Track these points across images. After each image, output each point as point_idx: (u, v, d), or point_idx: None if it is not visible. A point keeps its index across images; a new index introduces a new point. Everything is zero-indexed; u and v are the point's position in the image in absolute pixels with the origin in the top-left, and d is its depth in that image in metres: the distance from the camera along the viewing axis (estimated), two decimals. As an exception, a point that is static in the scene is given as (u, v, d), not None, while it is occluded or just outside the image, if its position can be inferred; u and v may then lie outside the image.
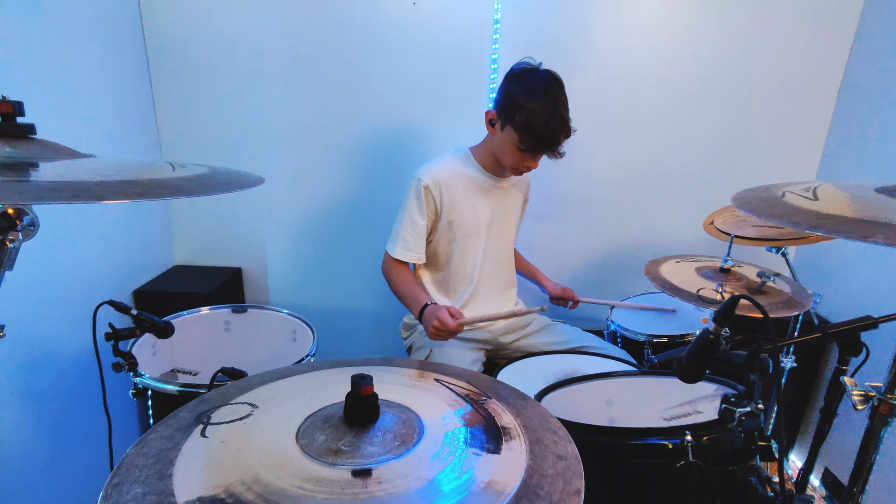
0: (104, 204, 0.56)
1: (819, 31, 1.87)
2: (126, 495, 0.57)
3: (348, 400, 0.68)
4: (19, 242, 0.57)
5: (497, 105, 1.46)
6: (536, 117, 1.35)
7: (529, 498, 0.59)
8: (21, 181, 0.46)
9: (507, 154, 1.46)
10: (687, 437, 0.74)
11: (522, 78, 1.41)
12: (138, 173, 0.57)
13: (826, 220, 0.59)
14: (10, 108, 0.57)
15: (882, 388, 0.72)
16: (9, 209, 0.56)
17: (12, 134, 0.58)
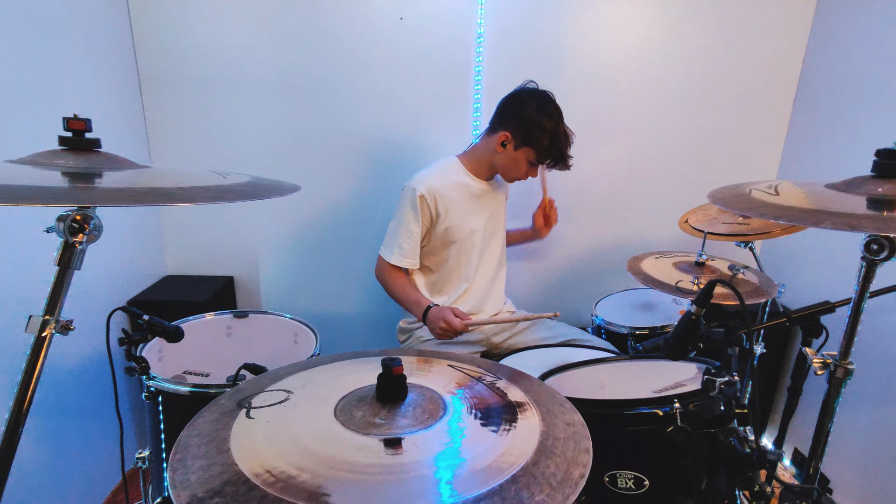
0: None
1: (774, 42, 2.05)
2: (192, 467, 0.64)
3: (380, 380, 0.76)
4: (86, 245, 0.64)
5: (514, 127, 1.56)
6: (559, 138, 1.54)
7: (547, 455, 0.68)
8: (110, 188, 0.52)
9: (518, 168, 1.60)
10: (675, 404, 0.85)
11: (538, 104, 1.54)
12: (203, 180, 0.64)
13: (786, 210, 0.70)
14: (83, 125, 0.64)
15: (837, 356, 0.84)
16: (77, 215, 0.63)
17: (83, 148, 0.64)
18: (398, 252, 1.64)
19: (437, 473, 0.64)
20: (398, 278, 1.68)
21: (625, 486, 0.88)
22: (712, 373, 0.87)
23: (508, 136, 1.56)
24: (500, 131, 1.58)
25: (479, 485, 0.61)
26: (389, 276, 1.67)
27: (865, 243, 0.77)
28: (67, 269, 0.63)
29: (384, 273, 1.69)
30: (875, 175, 0.76)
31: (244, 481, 0.61)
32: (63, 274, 0.63)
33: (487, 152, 1.64)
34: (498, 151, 1.60)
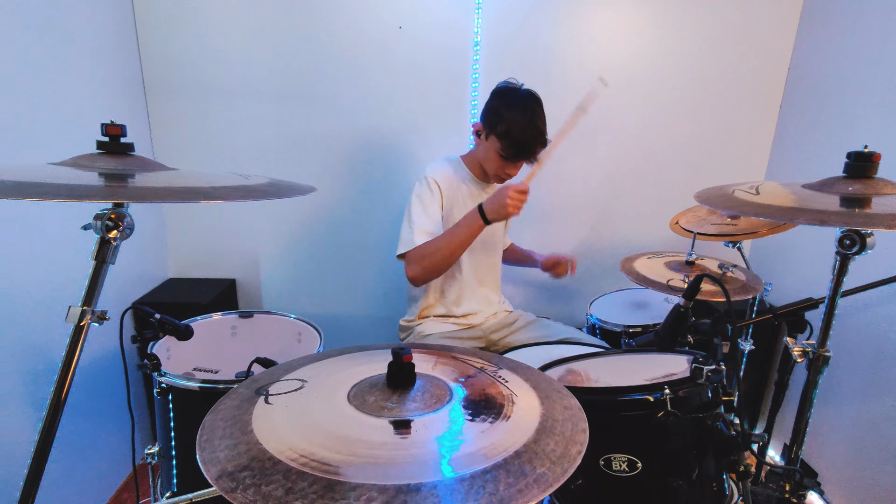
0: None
1: (761, 48, 2.13)
2: (219, 446, 0.69)
3: (391, 367, 0.82)
4: (120, 241, 0.69)
5: (482, 117, 1.63)
6: (515, 126, 1.52)
7: (547, 433, 0.74)
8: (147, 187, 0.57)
9: (491, 161, 1.63)
10: (666, 390, 0.91)
11: (504, 94, 1.60)
12: (230, 181, 0.69)
13: (765, 209, 0.77)
14: (119, 130, 0.69)
15: (815, 344, 0.90)
16: (112, 214, 0.68)
17: (118, 151, 0.70)
18: (421, 233, 1.56)
19: (444, 450, 0.69)
20: (430, 243, 1.55)
21: (619, 469, 0.94)
22: (700, 361, 0.93)
23: (480, 125, 1.63)
24: (475, 122, 1.66)
25: (484, 459, 0.67)
26: (423, 252, 1.54)
27: (839, 239, 0.83)
28: (103, 263, 0.68)
29: (416, 260, 1.55)
30: (846, 176, 0.82)
31: (269, 457, 0.66)
32: (99, 268, 0.68)
33: (476, 149, 1.71)
34: (477, 143, 1.67)
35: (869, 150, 0.79)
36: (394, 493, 0.60)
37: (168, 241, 2.28)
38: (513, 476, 0.64)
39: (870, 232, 0.81)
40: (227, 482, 0.62)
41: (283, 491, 0.60)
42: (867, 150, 0.79)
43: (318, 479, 0.62)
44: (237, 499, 0.59)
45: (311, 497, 0.59)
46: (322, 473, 0.63)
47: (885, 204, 0.73)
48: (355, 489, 0.60)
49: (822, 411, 1.91)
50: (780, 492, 0.93)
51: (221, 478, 0.63)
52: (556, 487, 0.63)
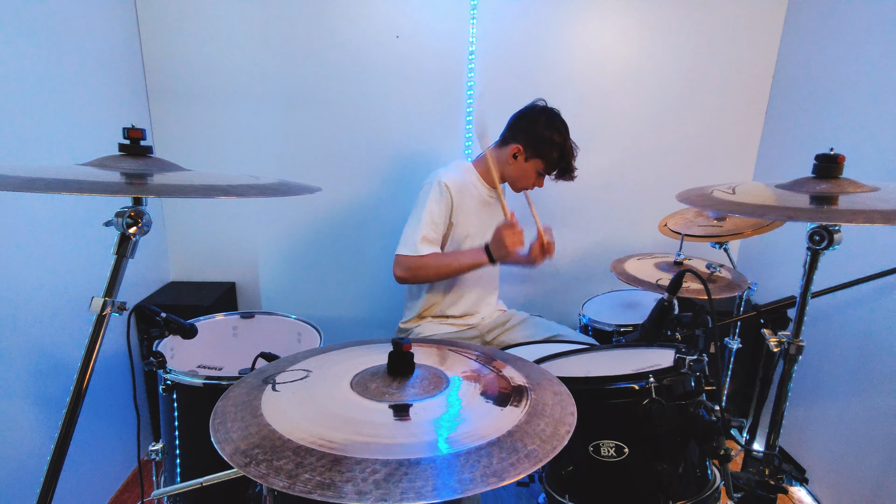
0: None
1: (746, 57, 2.21)
2: (231, 428, 0.74)
3: (391, 356, 0.87)
4: (139, 237, 0.74)
5: (526, 140, 1.68)
6: (566, 152, 1.68)
7: (538, 416, 0.79)
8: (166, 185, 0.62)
9: (527, 178, 1.72)
10: (650, 379, 0.96)
11: (548, 120, 1.68)
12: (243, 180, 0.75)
13: (739, 206, 0.83)
14: (139, 133, 0.74)
15: (790, 335, 0.96)
16: (132, 212, 0.73)
17: (139, 153, 0.75)
18: (424, 240, 1.61)
19: (440, 430, 0.74)
20: (432, 259, 1.62)
21: (607, 454, 0.99)
22: (682, 352, 0.99)
23: (520, 148, 1.68)
24: (511, 144, 1.70)
25: (479, 438, 0.72)
26: (422, 263, 1.61)
27: (809, 235, 0.89)
28: (123, 257, 0.73)
29: (412, 268, 1.61)
30: (815, 176, 0.88)
31: (278, 437, 0.71)
32: (119, 262, 0.73)
33: (499, 162, 1.74)
34: (510, 163, 1.71)
35: (834, 153, 0.86)
36: (395, 465, 0.65)
37: (169, 245, 2.33)
38: (505, 452, 0.69)
39: (837, 228, 0.87)
40: (240, 458, 0.67)
41: (293, 465, 0.65)
42: (833, 152, 0.86)
43: (325, 455, 0.67)
44: (251, 472, 0.64)
45: (320, 469, 0.64)
46: (329, 449, 0.68)
47: (851, 201, 0.79)
48: (360, 463, 0.65)
49: (809, 408, 1.97)
50: (760, 476, 0.98)
51: (235, 455, 0.68)
52: (546, 462, 0.69)
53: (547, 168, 1.69)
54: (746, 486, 0.98)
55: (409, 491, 0.60)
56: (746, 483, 0.98)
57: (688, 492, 0.99)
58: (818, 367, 1.91)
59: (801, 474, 2.03)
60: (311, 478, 0.62)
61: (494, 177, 1.69)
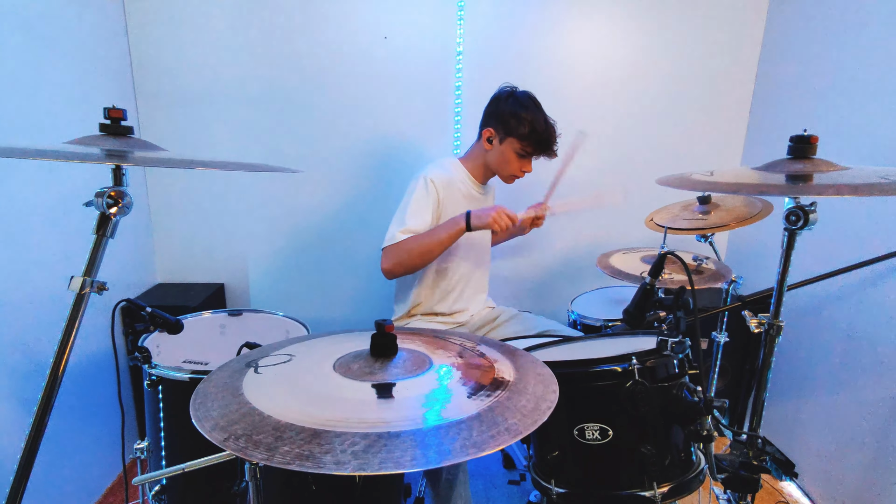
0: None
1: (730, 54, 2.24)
2: (212, 406, 0.74)
3: (374, 338, 0.87)
4: (119, 217, 0.74)
5: (495, 122, 1.68)
6: (537, 124, 1.64)
7: (519, 393, 0.79)
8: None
9: (508, 163, 1.70)
10: (633, 361, 0.97)
11: (513, 97, 1.68)
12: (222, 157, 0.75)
13: (714, 185, 0.84)
14: (120, 113, 0.75)
15: (769, 316, 0.97)
16: (112, 192, 0.73)
17: (119, 133, 0.75)
18: (407, 231, 1.58)
19: (424, 407, 0.74)
20: (412, 239, 1.57)
21: (592, 437, 1.00)
22: (665, 334, 1.00)
23: (492, 131, 1.69)
24: (483, 130, 1.71)
25: (459, 412, 0.72)
26: (403, 247, 1.57)
27: (785, 216, 0.91)
28: (104, 237, 0.73)
29: (395, 254, 1.57)
30: (791, 157, 0.90)
31: (258, 413, 0.71)
32: (100, 241, 0.73)
33: (480, 153, 1.75)
34: (487, 149, 1.72)
35: (807, 134, 0.88)
36: (375, 438, 0.65)
37: (155, 247, 2.31)
38: (486, 425, 0.69)
39: (812, 208, 0.88)
40: (219, 434, 0.67)
41: (272, 438, 0.65)
42: (806, 133, 0.88)
43: (305, 430, 0.67)
44: (230, 446, 0.64)
45: (299, 442, 0.64)
46: (309, 425, 0.68)
47: (825, 178, 0.81)
48: (340, 436, 0.65)
49: (798, 403, 1.98)
50: (743, 457, 0.99)
51: (215, 430, 0.67)
52: (526, 434, 0.69)
53: (523, 146, 1.66)
54: (730, 468, 0.99)
55: (388, 461, 0.61)
56: (730, 464, 0.98)
57: (672, 474, 0.99)
58: (806, 362, 1.93)
59: (790, 469, 2.04)
60: (291, 450, 0.62)
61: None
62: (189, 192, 2.27)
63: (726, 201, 1.83)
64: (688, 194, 1.93)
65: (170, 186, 2.26)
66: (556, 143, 1.69)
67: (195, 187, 2.26)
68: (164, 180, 2.25)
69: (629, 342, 1.28)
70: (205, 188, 2.26)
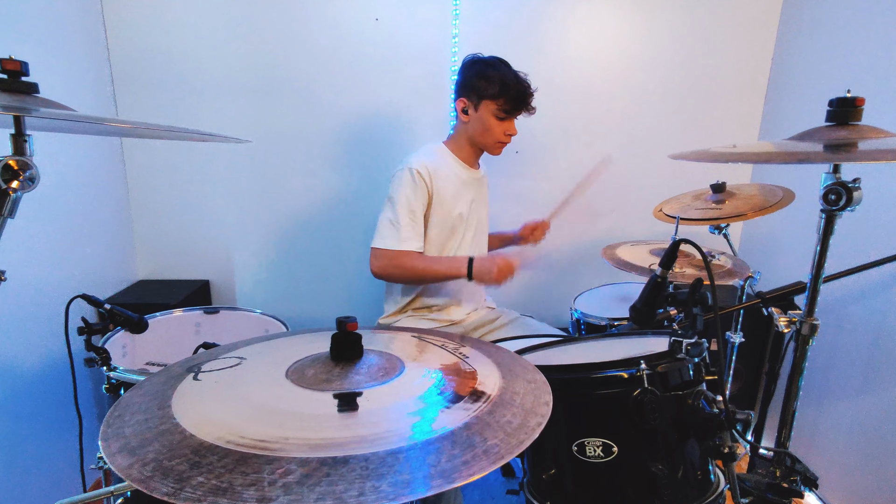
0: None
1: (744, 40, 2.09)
2: (128, 422, 0.61)
3: (334, 338, 0.74)
4: (21, 193, 0.62)
5: (465, 91, 1.59)
6: (507, 79, 1.54)
7: (505, 406, 0.66)
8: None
9: (489, 129, 1.59)
10: (642, 365, 0.83)
11: (480, 62, 1.59)
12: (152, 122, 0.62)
13: (740, 155, 0.70)
14: (17, 65, 0.62)
15: (802, 314, 0.83)
16: (11, 160, 0.60)
17: (18, 90, 0.63)
18: (403, 236, 1.52)
19: (386, 421, 0.61)
20: (413, 259, 1.55)
21: (593, 455, 0.86)
22: (679, 334, 0.86)
23: (465, 100, 1.60)
24: (457, 102, 1.62)
25: (427, 431, 0.58)
26: (401, 262, 1.53)
27: (823, 194, 0.76)
28: (1, 217, 0.60)
29: (391, 263, 1.53)
30: (830, 124, 0.76)
31: (180, 431, 0.57)
32: (-5, 221, 0.60)
33: (461, 130, 1.65)
34: (465, 122, 1.62)
35: (852, 95, 0.73)
36: (316, 465, 0.51)
37: (136, 242, 2.20)
38: (459, 447, 0.56)
39: (857, 186, 0.74)
40: (124, 458, 0.53)
41: (187, 465, 0.51)
42: (850, 94, 0.73)
43: (230, 453, 0.53)
44: (132, 475, 0.51)
45: (218, 471, 0.50)
46: (237, 447, 0.54)
47: (872, 146, 0.67)
48: (272, 462, 0.52)
49: (819, 407, 1.83)
50: (770, 478, 0.85)
51: (120, 454, 0.54)
52: (508, 460, 0.55)
53: (499, 106, 1.56)
54: (755, 490, 0.84)
55: (327, 496, 0.47)
56: (755, 486, 0.84)
57: (687, 496, 0.85)
58: (829, 363, 1.77)
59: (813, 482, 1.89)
60: (206, 481, 0.49)
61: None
62: (172, 185, 2.15)
63: (742, 190, 1.68)
64: (699, 183, 1.79)
65: (151, 179, 2.14)
66: (531, 97, 1.60)
67: (178, 180, 2.14)
68: (145, 172, 2.13)
69: (637, 343, 1.13)
70: (188, 180, 2.14)
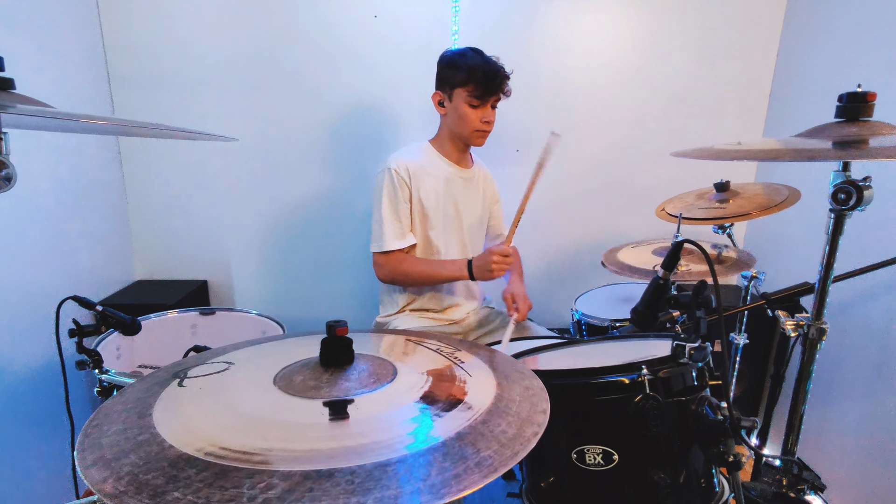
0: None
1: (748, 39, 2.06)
2: (106, 432, 0.58)
3: (324, 343, 0.71)
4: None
5: (438, 83, 1.60)
6: (474, 63, 1.52)
7: (499, 415, 0.63)
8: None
9: (464, 117, 1.56)
10: (643, 370, 0.80)
11: (449, 53, 1.61)
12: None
13: (746, 153, 0.67)
14: (-9, 59, 0.60)
15: (810, 317, 0.80)
16: (-14, 158, 0.58)
17: (-7, 86, 0.60)
18: (393, 234, 1.57)
19: (378, 431, 0.58)
20: (412, 262, 1.62)
21: (593, 462, 0.83)
22: (682, 338, 0.83)
23: (439, 93, 1.60)
24: (433, 97, 1.62)
25: (419, 441, 0.56)
26: (401, 264, 1.60)
27: (832, 193, 0.73)
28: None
29: (391, 265, 1.60)
30: (840, 120, 0.73)
31: (159, 442, 0.55)
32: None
33: (443, 124, 1.65)
34: (443, 114, 1.62)
35: (862, 90, 0.70)
36: (299, 479, 0.49)
37: (133, 242, 2.18)
38: (450, 459, 0.53)
39: (868, 184, 0.71)
40: (99, 472, 0.51)
41: (164, 479, 0.49)
42: (860, 89, 0.70)
43: (210, 466, 0.51)
44: (105, 490, 0.48)
45: (196, 486, 0.48)
46: (217, 459, 0.52)
47: (884, 142, 0.64)
48: (253, 476, 0.49)
49: (825, 409, 1.79)
50: (777, 486, 0.82)
51: (95, 466, 0.52)
52: (503, 472, 0.52)
53: (470, 92, 1.53)
54: (761, 499, 0.81)
55: (310, 514, 0.45)
56: (761, 495, 0.81)
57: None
58: (835, 364, 1.74)
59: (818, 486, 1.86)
60: (182, 497, 0.46)
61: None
62: (170, 185, 2.13)
63: (746, 188, 1.65)
64: (702, 182, 1.76)
65: (148, 178, 2.12)
66: (501, 79, 1.54)
67: (176, 179, 2.12)
68: (143, 171, 2.11)
69: (639, 346, 1.11)
70: (186, 180, 2.12)
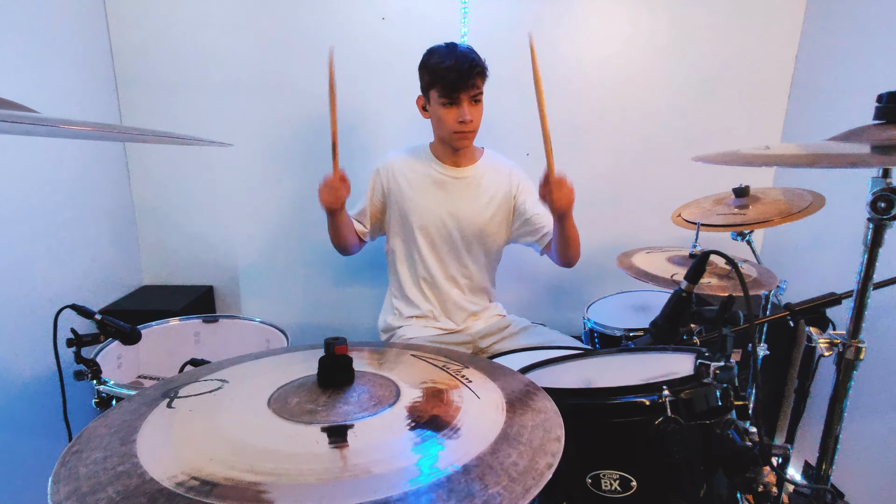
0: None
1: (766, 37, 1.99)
2: (85, 460, 0.54)
3: (321, 362, 0.67)
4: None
5: (421, 88, 1.57)
6: (437, 61, 1.46)
7: (509, 444, 0.58)
8: None
9: (440, 120, 1.52)
10: (664, 391, 0.75)
11: (424, 54, 1.55)
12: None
13: (777, 158, 0.62)
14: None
15: (845, 334, 0.74)
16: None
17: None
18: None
19: (378, 466, 0.53)
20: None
21: (609, 489, 0.77)
22: (706, 356, 0.77)
23: (420, 97, 1.58)
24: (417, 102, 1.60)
25: (425, 475, 0.51)
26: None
27: (871, 202, 0.68)
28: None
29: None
30: (879, 122, 0.67)
31: (139, 473, 0.51)
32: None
33: (433, 129, 1.62)
34: (427, 119, 1.60)
35: (905, 90, 0.65)
36: (288, 521, 0.44)
37: (141, 248, 2.16)
38: (455, 497, 0.48)
39: (910, 191, 0.65)
40: (73, 507, 0.47)
41: (140, 518, 0.45)
42: (903, 89, 0.65)
43: (193, 503, 0.46)
44: (76, 529, 0.44)
45: (175, 527, 0.44)
46: (197, 496, 0.47)
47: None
48: (237, 516, 0.45)
49: (848, 424, 1.72)
50: (808, 516, 0.76)
51: (69, 500, 0.48)
52: (513, 512, 0.47)
53: (438, 91, 1.47)
54: (791, 531, 0.76)
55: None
56: (792, 527, 0.75)
57: (714, 537, 0.77)
58: (860, 377, 1.67)
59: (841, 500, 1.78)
60: (158, 540, 0.42)
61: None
62: (176, 190, 2.11)
63: (766, 194, 1.58)
64: (720, 186, 1.69)
65: (155, 183, 2.11)
66: (468, 73, 1.44)
67: (182, 184, 2.11)
68: (150, 176, 2.09)
69: (657, 360, 1.05)
70: (192, 185, 2.11)
